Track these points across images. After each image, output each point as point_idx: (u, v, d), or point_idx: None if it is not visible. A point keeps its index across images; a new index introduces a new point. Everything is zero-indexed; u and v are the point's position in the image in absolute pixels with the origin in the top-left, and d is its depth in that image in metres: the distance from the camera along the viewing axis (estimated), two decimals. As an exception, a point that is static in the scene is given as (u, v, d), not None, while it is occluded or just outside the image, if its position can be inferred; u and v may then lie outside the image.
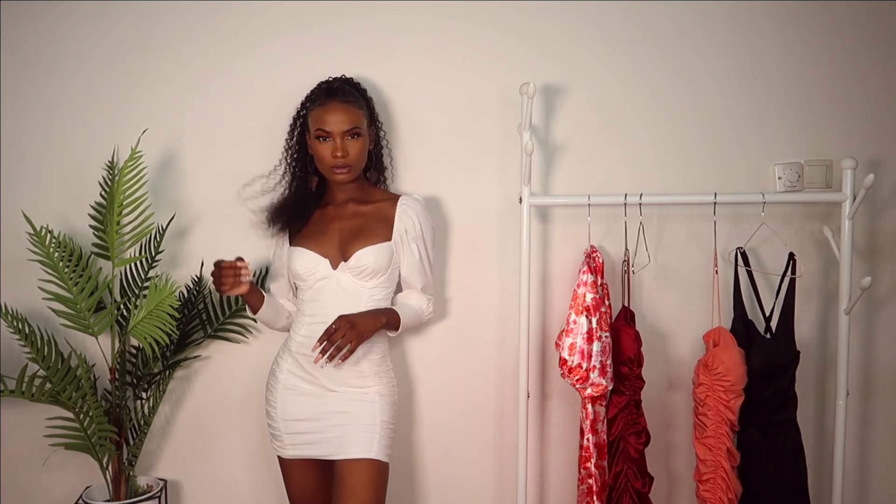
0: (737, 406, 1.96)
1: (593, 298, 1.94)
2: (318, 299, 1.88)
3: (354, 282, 1.86)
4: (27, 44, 2.04)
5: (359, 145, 1.88)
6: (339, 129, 1.85)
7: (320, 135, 1.86)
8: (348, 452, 1.83)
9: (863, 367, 2.24)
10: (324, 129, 1.85)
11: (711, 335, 2.01)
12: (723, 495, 1.96)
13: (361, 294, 1.87)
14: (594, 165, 2.16)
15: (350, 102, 1.88)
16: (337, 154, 1.85)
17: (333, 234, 1.90)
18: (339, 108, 1.86)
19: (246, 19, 2.08)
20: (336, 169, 1.87)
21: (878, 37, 2.17)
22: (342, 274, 1.87)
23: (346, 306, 1.84)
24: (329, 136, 1.85)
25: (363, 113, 1.91)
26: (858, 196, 1.94)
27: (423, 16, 2.11)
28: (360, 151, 1.88)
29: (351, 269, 1.86)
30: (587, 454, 2.00)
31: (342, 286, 1.86)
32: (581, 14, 2.14)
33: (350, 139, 1.86)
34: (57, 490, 2.11)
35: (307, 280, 1.88)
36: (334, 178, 1.89)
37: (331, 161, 1.86)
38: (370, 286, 1.87)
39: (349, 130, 1.85)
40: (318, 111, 1.87)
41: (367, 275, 1.86)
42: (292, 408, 1.88)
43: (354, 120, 1.87)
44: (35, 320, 1.99)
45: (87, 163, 2.05)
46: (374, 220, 1.92)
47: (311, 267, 1.87)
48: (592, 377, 1.93)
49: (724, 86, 2.17)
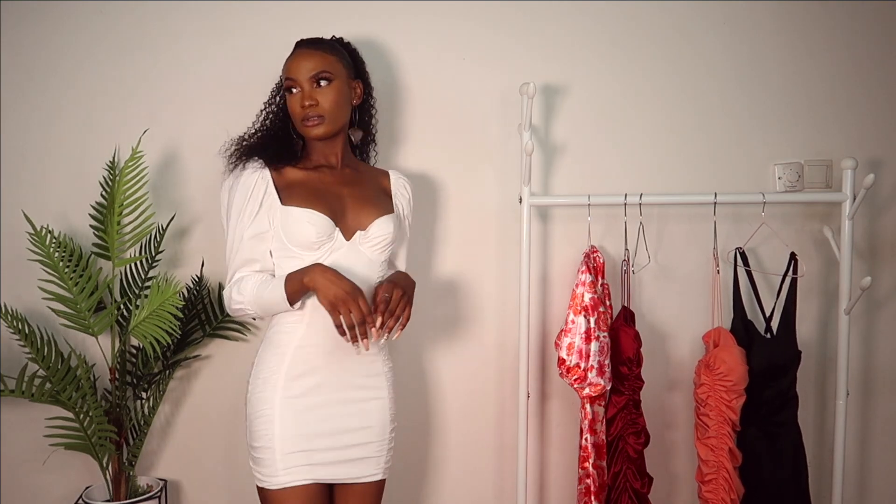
0: (738, 406, 1.96)
1: (591, 298, 1.94)
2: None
3: (369, 255, 1.64)
4: (27, 44, 2.04)
5: (331, 92, 1.63)
6: (304, 75, 1.62)
7: (289, 85, 1.65)
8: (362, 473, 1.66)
9: (863, 367, 2.24)
10: (290, 77, 1.64)
11: (711, 335, 2.01)
12: (725, 496, 1.96)
13: (374, 269, 1.65)
14: (594, 165, 2.17)
15: (318, 48, 1.66)
16: (305, 103, 1.62)
17: (338, 200, 1.66)
18: (304, 54, 1.65)
19: (246, 19, 2.08)
20: (307, 121, 1.63)
21: (878, 37, 2.18)
22: (357, 245, 1.64)
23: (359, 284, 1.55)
24: (296, 86, 1.64)
25: (337, 59, 1.67)
26: (858, 196, 1.94)
27: (422, 16, 2.11)
28: (333, 99, 1.64)
29: (370, 240, 1.64)
30: (585, 454, 2.00)
31: (355, 260, 1.62)
32: (581, 14, 2.14)
33: (318, 86, 1.63)
34: (57, 490, 2.11)
35: (316, 251, 1.59)
36: (307, 132, 1.65)
37: (300, 112, 1.63)
38: (381, 260, 1.67)
39: (316, 75, 1.62)
40: (286, 62, 1.68)
41: (384, 246, 1.66)
42: (293, 426, 1.59)
43: (322, 63, 1.63)
44: (35, 320, 1.99)
45: (87, 163, 2.05)
46: (376, 188, 1.74)
47: (324, 233, 1.59)
48: (590, 377, 1.93)
49: (724, 86, 2.17)
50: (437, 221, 2.15)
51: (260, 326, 2.14)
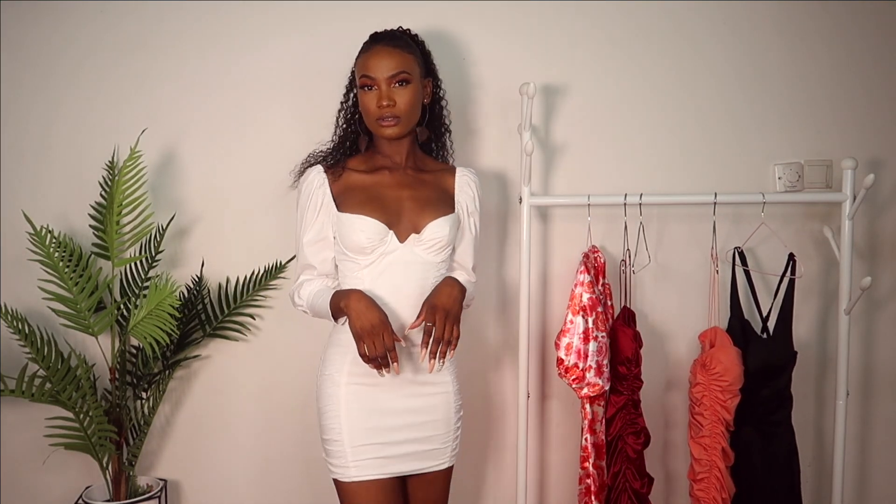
0: (733, 406, 1.96)
1: (590, 298, 1.94)
2: (383, 278, 1.63)
3: (424, 257, 1.65)
4: (27, 44, 2.04)
5: (408, 94, 1.64)
6: (383, 74, 1.63)
7: (365, 83, 1.65)
8: (431, 463, 1.69)
9: (863, 367, 2.24)
10: (368, 76, 1.64)
11: (708, 335, 2.01)
12: (717, 495, 1.96)
13: (430, 270, 1.66)
14: (594, 165, 2.17)
15: (398, 46, 1.66)
16: (382, 103, 1.63)
17: (396, 203, 1.67)
18: (383, 52, 1.65)
19: (245, 19, 2.08)
20: (382, 121, 1.64)
21: (878, 37, 2.17)
22: (411, 248, 1.64)
23: (413, 285, 1.63)
24: (374, 84, 1.64)
25: (414, 59, 1.68)
26: (858, 196, 1.94)
27: (422, 16, 2.11)
28: (410, 101, 1.65)
29: (424, 243, 1.65)
30: (585, 454, 2.00)
31: (410, 262, 1.64)
32: (581, 14, 2.14)
33: (397, 86, 1.64)
34: (57, 490, 2.11)
35: (370, 255, 1.63)
36: (381, 132, 1.66)
37: (376, 112, 1.64)
38: (438, 261, 1.67)
39: (395, 75, 1.63)
40: (363, 58, 1.67)
41: (439, 248, 1.66)
42: (360, 420, 1.62)
43: (401, 64, 1.64)
44: (35, 320, 1.99)
45: (87, 163, 2.05)
46: (437, 189, 1.73)
47: (375, 237, 1.62)
48: (588, 377, 1.93)
49: (724, 86, 2.17)
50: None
51: (260, 327, 2.14)
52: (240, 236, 2.10)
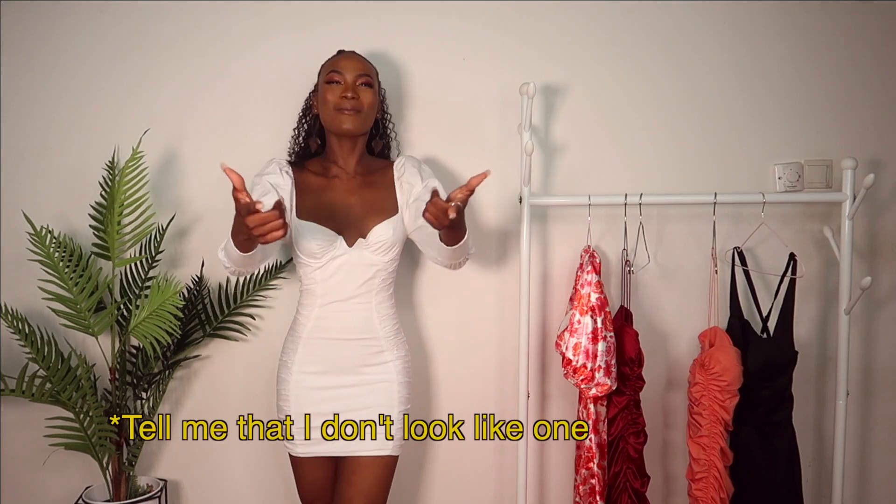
0: (732, 406, 1.96)
1: (598, 298, 1.94)
2: (334, 279, 1.78)
3: (371, 258, 1.78)
4: (27, 44, 2.04)
5: (371, 95, 1.80)
6: (352, 72, 1.79)
7: (332, 78, 1.79)
8: (363, 448, 1.79)
9: (863, 367, 2.24)
10: (336, 71, 1.79)
11: (707, 335, 2.01)
12: (715, 494, 1.96)
13: (378, 269, 1.80)
14: (594, 165, 2.16)
15: (361, 57, 1.84)
16: (347, 94, 1.77)
17: (345, 210, 1.81)
18: (353, 56, 1.83)
19: (245, 19, 2.08)
20: (342, 111, 1.77)
21: (878, 37, 2.17)
22: (359, 251, 1.78)
23: (360, 284, 1.78)
24: (340, 80, 1.78)
25: (374, 72, 1.85)
26: (858, 196, 1.94)
27: (423, 16, 2.11)
28: (371, 101, 1.80)
29: (370, 246, 1.78)
30: (590, 454, 2.00)
31: (358, 263, 1.78)
32: (581, 14, 2.14)
33: (362, 87, 1.79)
34: (57, 490, 2.11)
35: (320, 258, 1.76)
36: (339, 123, 1.78)
37: (339, 102, 1.77)
38: (386, 260, 1.80)
39: (361, 75, 1.79)
40: (332, 59, 1.84)
41: (385, 249, 1.79)
42: (308, 404, 1.80)
43: (367, 69, 1.82)
44: (35, 320, 1.99)
45: (87, 163, 2.05)
46: (382, 189, 1.85)
47: (326, 245, 1.75)
48: (598, 377, 1.93)
49: (724, 86, 2.17)
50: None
51: (261, 327, 2.14)
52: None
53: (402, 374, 1.84)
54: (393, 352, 1.84)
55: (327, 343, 1.80)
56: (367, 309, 1.80)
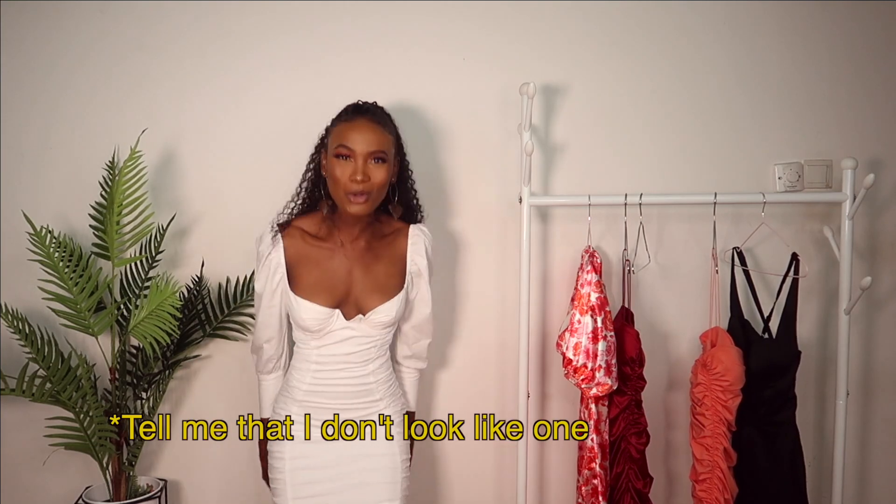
0: (734, 406, 1.96)
1: (598, 298, 1.94)
2: (329, 349, 1.75)
3: (370, 331, 1.75)
4: (27, 44, 2.04)
5: (383, 172, 1.66)
6: (363, 149, 1.63)
7: (341, 153, 1.65)
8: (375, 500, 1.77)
9: (863, 367, 2.24)
10: (346, 146, 1.64)
11: (708, 335, 2.01)
12: (719, 495, 1.96)
13: (375, 340, 1.77)
14: (594, 165, 2.16)
15: (380, 124, 1.68)
16: (356, 177, 1.62)
17: (346, 283, 1.74)
18: (367, 127, 1.65)
19: (245, 19, 2.08)
20: (353, 196, 1.64)
21: (878, 37, 2.18)
22: (357, 324, 1.74)
23: (357, 352, 1.76)
24: (350, 156, 1.64)
25: (392, 139, 1.70)
26: (858, 196, 1.94)
27: (423, 16, 2.11)
28: (382, 181, 1.66)
29: (369, 323, 1.75)
30: (592, 454, 1.99)
31: (355, 336, 1.75)
32: (581, 14, 2.14)
33: (374, 163, 1.65)
34: (57, 490, 2.11)
35: (316, 332, 1.74)
36: (349, 207, 1.65)
37: (348, 185, 1.63)
38: (384, 333, 1.78)
39: (374, 152, 1.64)
40: (343, 126, 1.67)
41: (383, 326, 1.76)
42: (303, 459, 1.76)
43: (382, 143, 1.66)
44: (35, 320, 1.99)
45: (87, 163, 2.05)
46: (388, 261, 1.79)
47: (322, 320, 1.72)
48: (598, 377, 1.93)
49: (724, 86, 2.17)
50: (437, 221, 2.15)
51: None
52: (240, 236, 2.10)
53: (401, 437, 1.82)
54: (391, 407, 1.82)
55: (321, 409, 1.77)
56: (364, 375, 1.78)
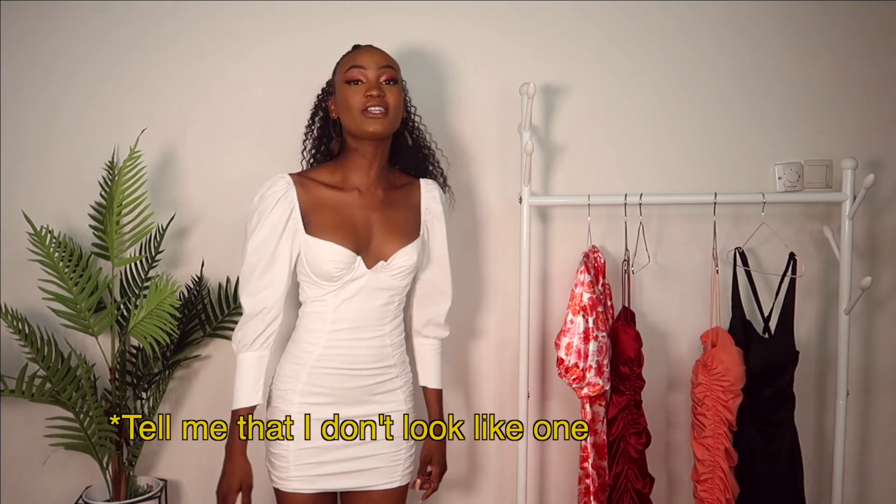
0: (735, 406, 1.96)
1: (590, 298, 1.94)
2: (347, 303, 1.63)
3: (390, 282, 1.65)
4: (27, 44, 2.04)
5: (396, 92, 1.62)
6: (374, 67, 1.60)
7: (352, 77, 1.60)
8: (373, 483, 1.70)
9: (863, 367, 2.24)
10: (358, 66, 1.60)
11: (709, 335, 2.01)
12: (721, 495, 1.96)
13: (394, 294, 1.68)
14: (594, 165, 2.16)
15: (384, 52, 1.67)
16: (372, 93, 1.57)
17: (366, 227, 1.65)
18: (373, 50, 1.65)
19: (245, 19, 2.08)
20: (368, 112, 1.57)
21: (878, 37, 2.17)
22: (378, 274, 1.64)
23: (375, 309, 1.65)
24: (363, 77, 1.60)
25: (397, 66, 1.68)
26: (858, 196, 1.94)
27: (423, 16, 2.11)
28: (397, 99, 1.62)
29: (391, 270, 1.65)
30: (585, 454, 2.00)
31: (375, 287, 1.64)
32: (581, 14, 2.14)
33: (386, 84, 1.61)
34: (57, 490, 2.11)
35: (337, 281, 1.61)
36: (368, 126, 1.58)
37: (362, 102, 1.57)
38: (403, 285, 1.69)
39: (385, 68, 1.61)
40: (350, 55, 1.65)
41: (405, 274, 1.67)
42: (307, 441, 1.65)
43: (391, 62, 1.64)
44: (35, 320, 1.99)
45: (87, 163, 2.05)
46: (405, 209, 1.72)
47: (344, 266, 1.60)
48: (589, 377, 1.94)
49: (724, 86, 2.17)
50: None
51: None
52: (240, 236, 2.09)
53: (409, 400, 1.77)
54: (402, 377, 1.75)
55: (334, 374, 1.65)
56: (380, 337, 1.68)
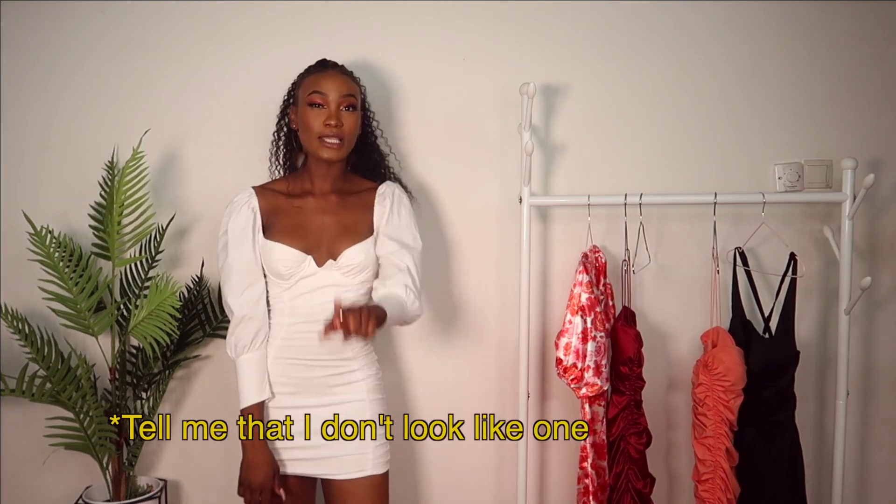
0: (736, 406, 1.96)
1: (588, 298, 1.94)
2: (302, 299, 1.74)
3: (341, 279, 1.74)
4: (27, 44, 2.04)
5: (354, 119, 1.74)
6: (336, 95, 1.71)
7: (314, 101, 1.71)
8: (344, 472, 1.75)
9: (863, 367, 2.24)
10: (319, 92, 1.71)
11: (710, 335, 2.01)
12: (722, 495, 1.96)
13: (348, 291, 1.74)
14: (594, 165, 2.17)
15: (345, 73, 1.78)
16: (331, 122, 1.69)
17: (318, 230, 1.76)
18: (336, 76, 1.75)
19: (245, 19, 2.08)
20: (326, 139, 1.70)
21: (878, 37, 2.17)
22: (328, 272, 1.74)
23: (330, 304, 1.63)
24: (324, 103, 1.71)
25: (359, 89, 1.80)
26: (858, 196, 1.94)
27: (423, 16, 2.11)
28: (354, 126, 1.74)
29: (341, 268, 1.74)
30: (584, 454, 2.00)
31: (327, 285, 1.73)
32: (581, 14, 2.14)
33: (346, 110, 1.73)
34: (57, 490, 2.11)
35: (288, 279, 1.73)
36: (322, 153, 1.72)
37: (321, 129, 1.70)
38: (356, 282, 1.76)
39: (346, 96, 1.72)
40: (314, 77, 1.75)
41: (356, 272, 1.74)
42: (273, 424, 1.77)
43: (352, 89, 1.75)
44: (35, 320, 1.99)
45: (87, 163, 2.05)
46: (358, 210, 1.80)
47: (293, 265, 1.72)
48: (587, 377, 1.94)
49: (724, 86, 2.17)
50: (438, 222, 2.15)
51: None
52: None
53: (373, 392, 1.80)
54: (364, 370, 1.79)
55: (294, 364, 1.76)
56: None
